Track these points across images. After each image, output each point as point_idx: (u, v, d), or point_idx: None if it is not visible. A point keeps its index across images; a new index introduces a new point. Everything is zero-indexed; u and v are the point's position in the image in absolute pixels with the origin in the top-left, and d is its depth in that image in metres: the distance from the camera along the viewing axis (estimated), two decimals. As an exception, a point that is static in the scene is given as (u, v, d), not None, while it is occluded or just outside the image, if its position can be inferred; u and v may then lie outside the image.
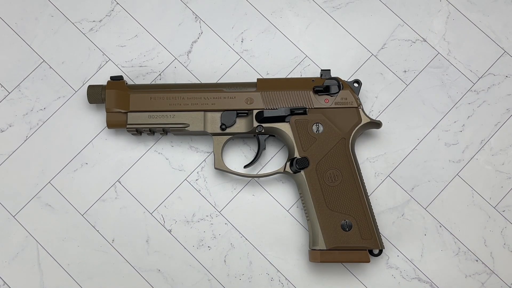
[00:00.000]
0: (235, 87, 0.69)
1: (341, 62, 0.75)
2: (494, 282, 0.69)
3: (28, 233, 0.71)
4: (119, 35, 0.76)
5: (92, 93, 0.70)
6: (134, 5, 0.77)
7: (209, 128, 0.68)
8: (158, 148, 0.73)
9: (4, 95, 0.74)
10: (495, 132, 0.73)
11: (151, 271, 0.70)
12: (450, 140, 0.73)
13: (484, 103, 0.74)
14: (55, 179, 0.72)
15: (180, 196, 0.72)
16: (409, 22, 0.76)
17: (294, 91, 0.68)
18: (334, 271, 0.70)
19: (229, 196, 0.72)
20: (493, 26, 0.76)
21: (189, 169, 0.72)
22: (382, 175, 0.72)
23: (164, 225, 0.71)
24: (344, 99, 0.68)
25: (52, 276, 0.70)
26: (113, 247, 0.71)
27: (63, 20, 0.76)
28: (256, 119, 0.68)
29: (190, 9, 0.76)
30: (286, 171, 0.68)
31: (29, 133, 0.73)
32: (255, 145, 0.73)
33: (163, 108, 0.68)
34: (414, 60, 0.75)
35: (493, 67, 0.75)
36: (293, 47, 0.75)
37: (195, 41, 0.76)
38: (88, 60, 0.75)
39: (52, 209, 0.72)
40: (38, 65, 0.75)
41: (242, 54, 0.75)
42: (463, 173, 0.72)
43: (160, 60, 0.75)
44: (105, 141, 0.73)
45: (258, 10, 0.76)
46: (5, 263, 0.71)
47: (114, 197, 0.72)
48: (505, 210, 0.71)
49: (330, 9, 0.76)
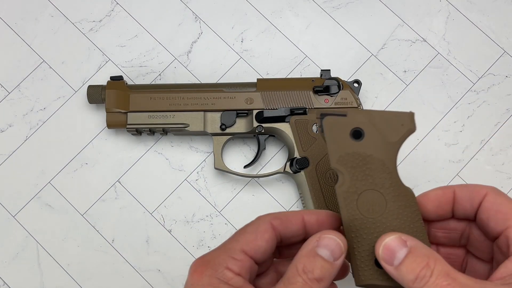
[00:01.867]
0: (235, 87, 0.69)
1: (341, 62, 0.75)
2: (494, 282, 0.69)
3: (28, 233, 0.71)
4: (119, 35, 0.76)
5: (92, 93, 0.70)
6: (134, 5, 0.77)
7: (209, 128, 0.68)
8: (158, 148, 0.73)
9: (4, 95, 0.74)
10: (495, 132, 0.73)
11: (151, 271, 0.70)
12: (450, 140, 0.73)
13: (484, 103, 0.74)
14: (55, 179, 0.72)
15: (180, 196, 0.72)
16: (409, 22, 0.76)
17: (294, 91, 0.68)
18: (334, 271, 0.70)
19: (229, 196, 0.72)
20: (493, 26, 0.76)
21: (189, 169, 0.72)
22: (382, 175, 0.72)
23: (164, 225, 0.71)
24: (344, 99, 0.68)
25: (52, 276, 0.70)
26: (113, 247, 0.71)
27: (63, 20, 0.76)
28: (256, 119, 0.68)
29: (190, 9, 0.77)
30: (286, 171, 0.68)
31: (29, 133, 0.73)
32: (255, 145, 0.73)
33: (163, 108, 0.68)
34: (414, 60, 0.75)
35: (493, 67, 0.75)
36: (293, 47, 0.75)
37: (195, 41, 0.76)
38: (88, 60, 0.75)
39: (52, 209, 0.72)
40: (38, 65, 0.75)
41: (242, 54, 0.75)
42: (463, 173, 0.72)
43: (160, 60, 0.75)
44: (105, 141, 0.73)
45: (258, 10, 0.77)
46: (5, 263, 0.71)
47: (114, 197, 0.72)
48: (505, 210, 0.71)
49: (330, 9, 0.76)
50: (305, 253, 0.46)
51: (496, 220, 0.45)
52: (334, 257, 0.46)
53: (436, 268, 0.42)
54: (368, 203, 0.51)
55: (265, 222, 0.48)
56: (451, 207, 0.49)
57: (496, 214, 0.46)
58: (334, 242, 0.47)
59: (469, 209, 0.48)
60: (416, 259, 0.43)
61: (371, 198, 0.51)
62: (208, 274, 0.45)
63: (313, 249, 0.46)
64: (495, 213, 0.46)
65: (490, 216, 0.46)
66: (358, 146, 0.52)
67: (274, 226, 0.48)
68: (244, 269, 0.46)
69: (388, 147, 0.52)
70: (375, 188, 0.51)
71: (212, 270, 0.45)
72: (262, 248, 0.47)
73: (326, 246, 0.46)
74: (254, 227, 0.48)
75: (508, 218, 0.45)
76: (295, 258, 0.46)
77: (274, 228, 0.48)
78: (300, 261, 0.45)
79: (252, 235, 0.47)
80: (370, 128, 0.52)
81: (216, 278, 0.45)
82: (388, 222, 0.50)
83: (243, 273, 0.46)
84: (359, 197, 0.51)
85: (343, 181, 0.52)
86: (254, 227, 0.48)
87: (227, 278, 0.45)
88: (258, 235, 0.47)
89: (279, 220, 0.48)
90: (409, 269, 0.43)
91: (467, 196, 0.48)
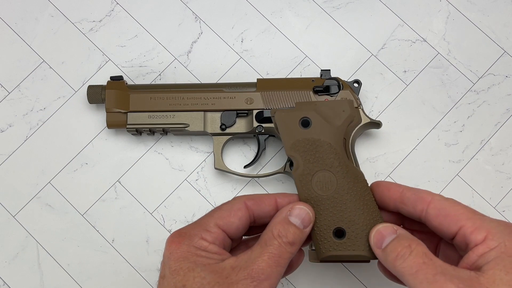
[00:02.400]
0: (235, 87, 0.69)
1: (341, 62, 0.75)
2: (494, 282, 0.69)
3: (28, 233, 0.71)
4: (119, 35, 0.76)
5: (92, 93, 0.70)
6: (134, 5, 0.77)
7: (209, 128, 0.68)
8: (158, 148, 0.73)
9: (4, 95, 0.74)
10: (495, 132, 0.73)
11: (151, 271, 0.70)
12: (450, 140, 0.73)
13: (484, 103, 0.74)
14: (55, 179, 0.72)
15: (180, 196, 0.72)
16: (409, 22, 0.76)
17: (294, 91, 0.68)
18: (334, 271, 0.70)
19: (229, 196, 0.72)
20: (493, 26, 0.76)
21: (189, 169, 0.72)
22: (382, 175, 0.72)
23: (164, 225, 0.71)
24: (344, 99, 0.68)
25: (52, 276, 0.70)
26: (113, 247, 0.71)
27: (63, 20, 0.76)
28: (256, 119, 0.68)
29: (190, 9, 0.77)
30: (286, 171, 0.68)
31: (29, 133, 0.73)
32: (255, 145, 0.73)
33: (163, 108, 0.68)
34: (414, 60, 0.75)
35: (493, 67, 0.75)
36: (293, 47, 0.75)
37: (195, 41, 0.76)
38: (88, 60, 0.75)
39: (52, 209, 0.72)
40: (38, 65, 0.75)
41: (242, 54, 0.75)
42: (463, 173, 0.72)
43: (160, 60, 0.75)
44: (105, 141, 0.73)
45: (258, 10, 0.76)
46: (5, 263, 0.71)
47: (114, 197, 0.72)
48: (505, 210, 0.71)
49: (330, 9, 0.76)
50: (279, 220, 0.52)
51: (447, 224, 0.49)
52: (303, 225, 0.53)
53: (416, 249, 0.47)
54: (321, 182, 0.59)
55: (240, 202, 0.54)
56: (396, 204, 0.54)
57: (446, 219, 0.50)
58: (304, 212, 0.54)
59: (413, 213, 0.53)
60: (400, 242, 0.49)
61: (323, 177, 0.59)
62: (186, 243, 0.50)
63: (286, 217, 0.52)
64: (445, 218, 0.50)
65: (441, 222, 0.50)
66: (307, 133, 0.61)
67: (248, 205, 0.53)
68: (218, 240, 0.51)
69: (334, 131, 0.61)
70: (326, 168, 0.59)
71: (189, 240, 0.50)
72: (234, 224, 0.52)
73: (297, 215, 0.53)
74: (229, 205, 0.53)
75: (458, 219, 0.49)
76: (270, 225, 0.52)
77: (248, 207, 0.53)
78: (276, 227, 0.51)
79: (226, 212, 0.53)
80: (316, 116, 0.61)
81: (193, 246, 0.49)
82: (340, 197, 0.58)
83: (217, 243, 0.51)
84: (312, 177, 0.59)
85: (298, 165, 0.60)
86: (229, 205, 0.53)
87: (203, 246, 0.50)
88: (232, 212, 0.53)
89: (253, 200, 0.54)
90: (392, 249, 0.49)
91: (412, 200, 0.52)
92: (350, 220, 0.58)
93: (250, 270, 0.48)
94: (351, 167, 0.60)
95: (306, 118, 0.62)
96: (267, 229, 0.52)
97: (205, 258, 0.49)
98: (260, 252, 0.49)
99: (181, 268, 0.48)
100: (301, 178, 0.60)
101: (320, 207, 0.58)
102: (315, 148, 0.60)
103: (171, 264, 0.49)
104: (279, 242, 0.50)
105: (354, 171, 0.60)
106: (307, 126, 0.61)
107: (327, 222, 0.58)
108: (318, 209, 0.58)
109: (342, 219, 0.58)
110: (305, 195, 0.59)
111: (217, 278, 0.47)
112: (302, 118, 0.62)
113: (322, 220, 0.58)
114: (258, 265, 0.48)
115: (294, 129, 0.61)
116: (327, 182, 0.59)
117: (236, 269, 0.48)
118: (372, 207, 0.58)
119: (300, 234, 0.52)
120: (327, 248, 0.58)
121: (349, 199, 0.58)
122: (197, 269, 0.48)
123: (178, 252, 0.49)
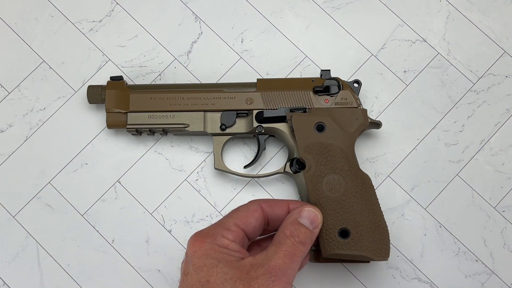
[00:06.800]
0: (235, 87, 0.69)
1: (341, 62, 0.75)
2: (494, 283, 0.69)
3: (28, 233, 0.71)
4: (119, 35, 0.76)
5: (92, 93, 0.70)
6: (134, 5, 0.77)
7: (209, 128, 0.68)
8: (158, 148, 0.73)
9: (4, 95, 0.74)
10: (495, 132, 0.73)
11: (151, 271, 0.70)
12: (450, 140, 0.73)
13: (484, 103, 0.74)
14: (55, 179, 0.72)
15: (180, 196, 0.72)
16: (409, 22, 0.76)
17: (294, 91, 0.68)
18: (334, 271, 0.70)
19: (229, 196, 0.72)
20: (493, 26, 0.76)
21: (189, 169, 0.72)
22: (382, 175, 0.72)
23: (164, 225, 0.71)
24: (344, 99, 0.68)
25: (52, 276, 0.70)
26: (113, 247, 0.71)
27: (63, 20, 0.76)
28: (256, 119, 0.68)
29: (190, 9, 0.76)
30: (286, 171, 0.68)
31: (29, 133, 0.73)
32: (255, 145, 0.73)
33: (163, 108, 0.68)
34: (414, 60, 0.75)
35: (493, 67, 0.75)
36: (293, 47, 0.75)
37: (195, 41, 0.76)
38: (88, 60, 0.75)
39: (52, 209, 0.72)
40: (38, 65, 0.75)
41: (242, 54, 0.75)
42: (463, 173, 0.72)
43: (160, 60, 0.75)
44: (105, 141, 0.73)
45: (258, 10, 0.76)
46: (5, 263, 0.71)
47: (114, 197, 0.72)
48: (505, 211, 0.71)
49: (330, 9, 0.76)
50: (290, 221, 0.57)
51: None
52: (313, 226, 0.57)
53: None
54: (331, 184, 0.63)
55: (255, 204, 0.58)
56: None
57: None
58: (313, 214, 0.58)
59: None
60: None
61: (333, 180, 0.63)
62: (209, 241, 0.53)
63: (296, 218, 0.57)
64: None
65: None
66: (321, 137, 0.65)
67: (263, 208, 0.58)
68: (238, 239, 0.55)
69: (346, 137, 0.65)
70: (336, 171, 0.63)
71: (212, 238, 0.54)
72: (252, 224, 0.56)
73: (307, 217, 0.57)
74: (246, 207, 0.58)
75: None
76: (281, 226, 0.56)
77: (263, 209, 0.58)
78: (287, 227, 0.56)
79: (244, 213, 0.57)
80: (331, 122, 0.65)
81: (216, 244, 0.53)
82: (347, 199, 0.62)
83: (237, 241, 0.55)
84: (323, 179, 0.63)
85: (310, 167, 0.64)
86: (246, 207, 0.58)
87: (225, 244, 0.54)
88: (249, 213, 0.57)
89: (268, 203, 0.58)
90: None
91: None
92: (355, 222, 0.62)
93: (268, 266, 0.52)
94: (360, 172, 0.64)
95: (321, 123, 0.65)
96: (279, 230, 0.56)
97: (227, 255, 0.53)
98: (275, 250, 0.53)
99: (204, 264, 0.52)
100: (312, 179, 0.64)
101: (328, 207, 0.62)
102: (327, 152, 0.64)
103: (195, 261, 0.52)
104: (292, 241, 0.54)
105: (362, 175, 0.64)
106: (321, 130, 0.65)
107: (333, 222, 0.62)
108: (326, 209, 0.62)
109: (348, 220, 0.62)
110: (315, 195, 0.63)
111: (238, 274, 0.51)
112: (317, 122, 0.65)
113: (329, 219, 0.62)
114: (274, 262, 0.52)
115: (309, 132, 0.65)
116: (336, 184, 0.63)
117: (254, 266, 0.52)
118: (376, 210, 0.63)
119: (310, 235, 0.56)
120: (331, 246, 0.61)
121: (355, 202, 0.62)
122: (220, 265, 0.51)
123: (202, 250, 0.53)
